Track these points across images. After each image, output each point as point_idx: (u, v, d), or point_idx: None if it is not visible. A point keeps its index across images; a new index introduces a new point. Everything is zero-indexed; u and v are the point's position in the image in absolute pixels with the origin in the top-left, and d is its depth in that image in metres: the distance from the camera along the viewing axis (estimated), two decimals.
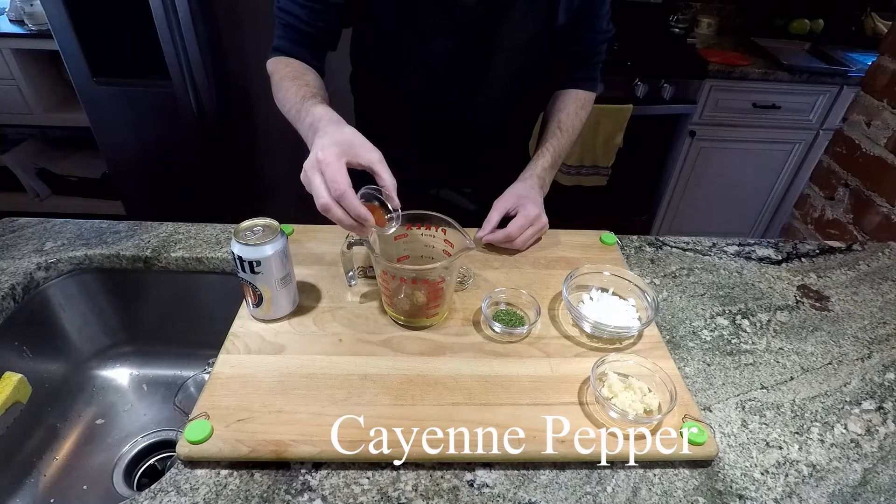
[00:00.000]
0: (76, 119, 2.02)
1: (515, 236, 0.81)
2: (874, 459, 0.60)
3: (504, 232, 0.81)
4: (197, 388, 0.80)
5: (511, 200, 0.83)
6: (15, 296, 0.75)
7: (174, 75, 1.56)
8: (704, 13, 2.30)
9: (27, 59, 1.96)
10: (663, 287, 0.82)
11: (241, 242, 0.62)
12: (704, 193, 2.20)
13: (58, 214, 1.10)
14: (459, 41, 0.82)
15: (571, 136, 0.93)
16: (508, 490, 0.54)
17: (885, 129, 1.23)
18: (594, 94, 0.98)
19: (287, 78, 0.77)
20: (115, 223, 0.88)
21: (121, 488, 0.77)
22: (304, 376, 0.62)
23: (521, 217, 0.81)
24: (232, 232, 0.76)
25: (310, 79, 0.78)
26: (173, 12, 1.46)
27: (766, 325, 0.77)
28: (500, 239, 0.82)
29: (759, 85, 1.93)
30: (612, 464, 0.57)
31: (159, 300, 0.87)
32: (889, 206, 1.21)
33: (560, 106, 0.95)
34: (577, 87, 0.96)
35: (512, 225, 0.81)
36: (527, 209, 0.82)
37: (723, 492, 0.55)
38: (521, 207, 0.82)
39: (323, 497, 0.53)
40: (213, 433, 0.55)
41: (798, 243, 0.95)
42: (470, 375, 0.64)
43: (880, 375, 0.70)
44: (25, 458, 0.75)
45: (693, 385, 0.67)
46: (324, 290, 0.75)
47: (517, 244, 0.82)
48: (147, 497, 0.52)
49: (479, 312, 0.73)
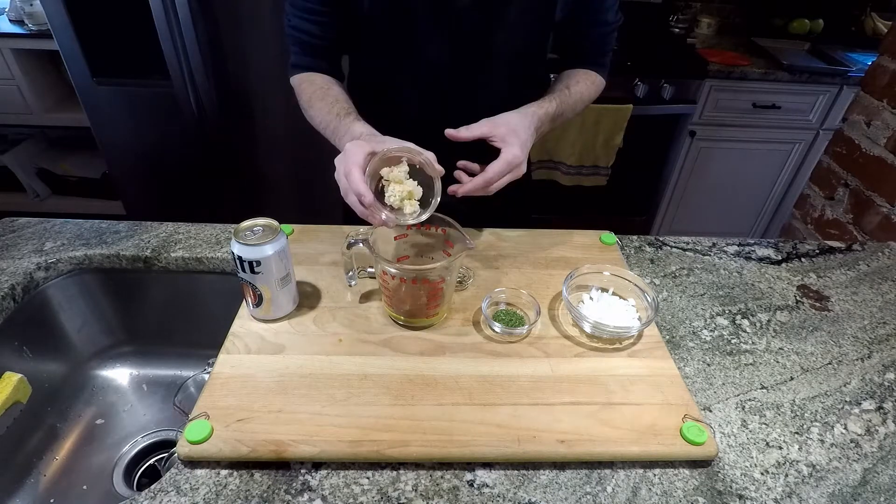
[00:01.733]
0: (76, 119, 2.02)
1: (493, 181, 0.71)
2: (874, 459, 0.60)
3: (483, 178, 0.71)
4: (197, 388, 0.80)
5: (501, 129, 0.73)
6: (15, 296, 0.75)
7: (174, 75, 1.56)
8: (704, 13, 2.30)
9: (27, 59, 1.96)
10: (663, 287, 0.82)
11: (241, 242, 0.62)
12: (704, 193, 2.20)
13: (58, 214, 1.10)
14: (455, 45, 0.82)
15: (577, 102, 0.86)
16: (508, 490, 0.54)
17: (885, 129, 1.23)
18: (603, 81, 0.93)
19: (316, 97, 0.81)
20: (115, 223, 0.88)
21: (121, 488, 0.77)
22: (304, 376, 0.62)
23: (503, 161, 0.71)
24: (232, 232, 0.76)
25: (336, 92, 0.82)
26: (173, 12, 1.46)
27: (766, 325, 0.77)
28: (479, 186, 0.71)
29: (759, 85, 1.93)
30: (612, 464, 0.57)
31: (159, 300, 0.87)
32: (889, 206, 1.21)
33: (569, 76, 0.90)
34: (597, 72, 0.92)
35: (491, 169, 0.71)
36: (511, 149, 0.71)
37: (723, 492, 0.55)
38: (506, 145, 0.72)
39: (323, 497, 0.53)
40: (213, 433, 0.55)
41: (798, 243, 0.95)
42: (470, 375, 0.64)
43: (880, 375, 0.70)
44: (25, 458, 0.75)
45: (693, 385, 0.67)
46: (324, 290, 0.75)
47: (489, 190, 0.73)
48: (147, 497, 0.52)
49: (479, 312, 0.73)
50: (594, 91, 0.91)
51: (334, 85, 0.84)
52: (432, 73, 0.85)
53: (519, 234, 0.89)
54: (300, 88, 0.85)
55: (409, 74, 0.86)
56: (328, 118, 0.77)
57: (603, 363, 0.66)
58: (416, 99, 0.89)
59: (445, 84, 0.86)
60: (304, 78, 0.85)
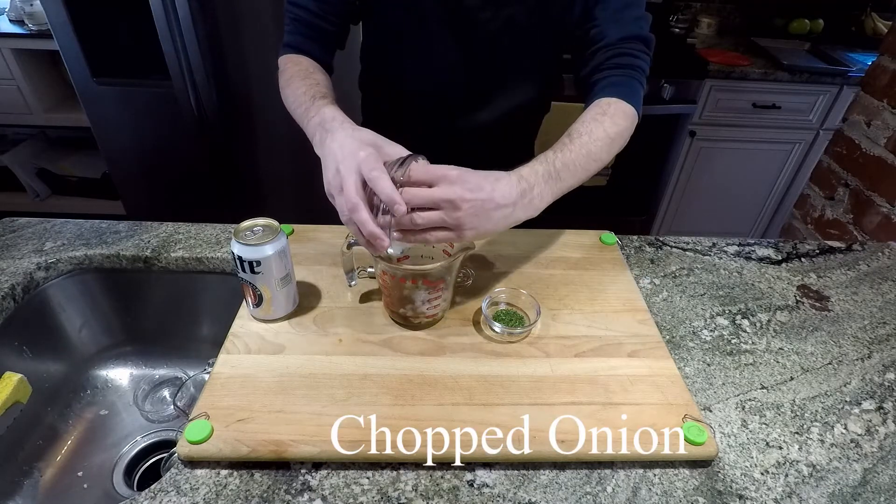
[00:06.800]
0: (76, 119, 2.02)
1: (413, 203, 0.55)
2: (874, 459, 0.60)
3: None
4: (197, 388, 0.80)
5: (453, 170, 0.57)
6: (15, 296, 0.75)
7: (174, 75, 1.56)
8: (704, 13, 2.30)
9: (27, 59, 1.96)
10: (663, 287, 0.82)
11: (241, 242, 0.62)
12: (704, 193, 2.20)
13: (58, 214, 1.10)
14: (466, 47, 0.82)
15: (588, 143, 0.68)
16: (508, 490, 0.54)
17: (885, 129, 1.23)
18: (626, 105, 0.73)
19: (297, 76, 0.76)
20: (115, 223, 0.88)
21: (121, 488, 0.77)
22: (304, 376, 0.62)
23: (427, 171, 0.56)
24: (232, 232, 0.76)
25: (319, 78, 0.77)
26: (173, 12, 1.46)
27: (766, 325, 0.77)
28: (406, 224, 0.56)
29: (759, 85, 1.93)
30: (612, 464, 0.57)
31: (159, 300, 0.87)
32: (889, 206, 1.21)
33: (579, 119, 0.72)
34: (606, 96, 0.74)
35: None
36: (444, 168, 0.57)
37: (723, 492, 0.55)
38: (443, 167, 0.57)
39: (323, 497, 0.53)
40: (213, 433, 0.55)
41: (798, 243, 0.95)
42: (470, 375, 0.64)
43: (880, 375, 0.70)
44: (25, 458, 0.75)
45: (693, 385, 0.67)
46: (324, 290, 0.75)
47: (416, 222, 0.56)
48: (147, 497, 0.52)
49: (479, 312, 0.73)
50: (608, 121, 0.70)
51: (320, 72, 0.80)
52: (442, 71, 0.85)
53: (519, 234, 0.89)
54: (284, 67, 0.80)
55: (419, 71, 0.86)
56: (302, 98, 0.71)
57: (603, 363, 0.66)
58: (426, 96, 0.89)
59: (455, 81, 0.85)
60: (291, 58, 0.81)
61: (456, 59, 0.83)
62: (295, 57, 0.81)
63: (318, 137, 0.64)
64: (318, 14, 0.80)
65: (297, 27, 0.81)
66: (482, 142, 0.93)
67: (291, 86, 0.75)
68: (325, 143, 0.61)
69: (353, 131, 0.60)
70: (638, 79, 0.76)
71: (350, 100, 0.93)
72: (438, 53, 0.83)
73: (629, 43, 0.76)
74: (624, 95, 0.74)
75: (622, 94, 0.74)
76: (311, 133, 0.67)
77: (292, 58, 0.81)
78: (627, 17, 0.76)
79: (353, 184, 0.54)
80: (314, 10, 0.80)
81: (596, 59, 0.77)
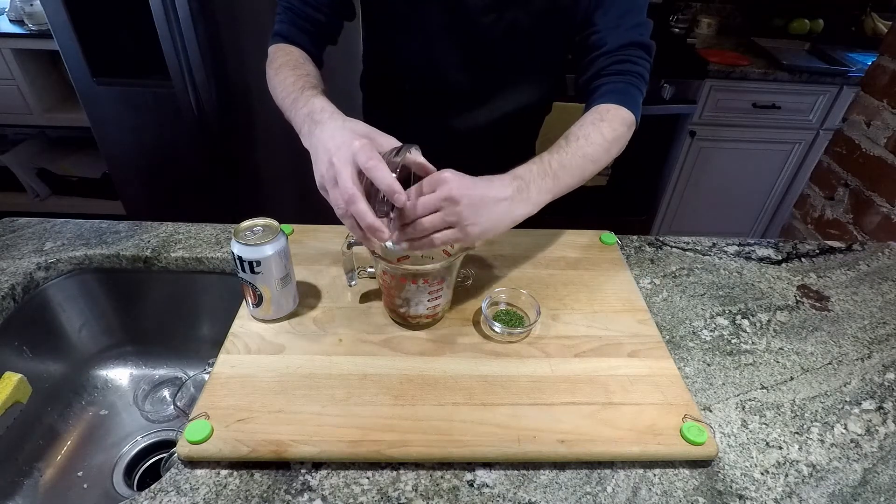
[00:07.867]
0: (76, 119, 2.02)
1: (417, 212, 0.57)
2: (874, 459, 0.60)
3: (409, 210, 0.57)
4: (197, 388, 0.80)
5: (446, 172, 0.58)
6: (15, 296, 0.75)
7: (174, 75, 1.56)
8: (704, 13, 2.30)
9: (27, 59, 1.97)
10: (663, 287, 0.82)
11: (241, 242, 0.62)
12: (704, 193, 2.20)
13: (58, 214, 1.10)
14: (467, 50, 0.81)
15: (585, 146, 0.68)
16: (508, 490, 0.54)
17: (885, 129, 1.23)
18: (625, 111, 0.73)
19: (286, 66, 0.74)
20: (115, 223, 0.88)
21: (121, 488, 0.77)
22: (304, 376, 0.62)
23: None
24: (232, 232, 0.76)
25: (309, 69, 0.75)
26: (173, 12, 1.46)
27: (766, 325, 0.77)
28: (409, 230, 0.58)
29: (759, 85, 1.93)
30: (612, 464, 0.57)
31: (159, 300, 0.87)
32: (889, 206, 1.21)
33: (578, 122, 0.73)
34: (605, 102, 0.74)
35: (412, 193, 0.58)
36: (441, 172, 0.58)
37: (723, 492, 0.55)
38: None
39: (323, 497, 0.53)
40: (213, 433, 0.55)
41: (798, 243, 0.95)
42: (470, 375, 0.64)
43: (880, 375, 0.70)
44: (25, 458, 0.75)
45: (693, 385, 0.67)
46: (324, 290, 0.75)
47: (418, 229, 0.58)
48: (147, 497, 0.52)
49: (479, 312, 0.73)
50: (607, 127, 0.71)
51: (310, 63, 0.77)
52: (443, 74, 0.84)
53: (519, 234, 0.89)
54: (274, 56, 0.77)
55: (419, 70, 0.85)
56: (290, 89, 0.69)
57: (603, 363, 0.66)
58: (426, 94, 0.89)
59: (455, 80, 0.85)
60: (281, 47, 0.78)
61: (457, 61, 0.83)
62: (285, 47, 0.79)
63: (307, 129, 0.62)
64: (311, 4, 0.79)
65: (289, 16, 0.79)
66: (483, 143, 0.93)
67: (280, 75, 0.73)
68: (313, 134, 0.59)
69: (344, 122, 0.59)
70: (637, 85, 0.76)
71: (351, 100, 0.93)
72: (440, 55, 0.83)
73: (629, 49, 0.76)
74: (623, 102, 0.74)
75: (621, 101, 0.74)
76: (298, 124, 0.65)
77: (282, 47, 0.79)
78: (628, 24, 0.76)
79: (349, 175, 0.53)
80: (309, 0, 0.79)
81: (596, 66, 0.77)
